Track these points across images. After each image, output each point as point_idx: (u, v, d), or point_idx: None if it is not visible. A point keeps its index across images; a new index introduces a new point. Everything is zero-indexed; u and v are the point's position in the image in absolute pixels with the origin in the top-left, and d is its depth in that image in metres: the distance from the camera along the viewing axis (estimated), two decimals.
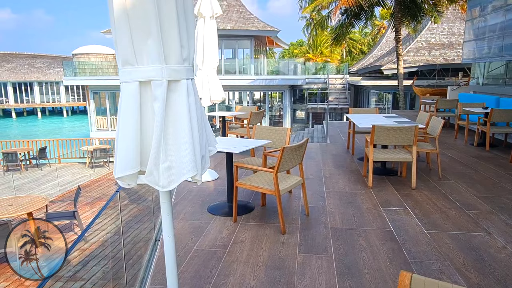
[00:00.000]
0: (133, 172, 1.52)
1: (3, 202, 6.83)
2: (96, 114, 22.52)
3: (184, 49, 1.52)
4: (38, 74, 43.99)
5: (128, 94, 1.49)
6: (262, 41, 25.55)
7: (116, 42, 1.50)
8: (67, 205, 9.02)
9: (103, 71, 21.64)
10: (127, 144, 1.49)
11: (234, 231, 3.90)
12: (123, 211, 8.79)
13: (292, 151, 3.80)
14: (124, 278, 4.23)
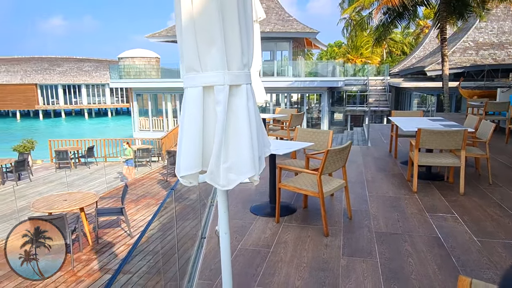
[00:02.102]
0: (196, 171, 1.62)
1: (58, 197, 7.31)
2: (139, 115, 23.42)
3: (245, 56, 1.61)
4: (86, 77, 46.42)
5: (192, 98, 1.59)
6: (301, 42, 25.48)
7: (182, 50, 1.61)
8: (114, 202, 9.48)
9: (146, 74, 22.48)
10: (191, 145, 1.60)
11: (277, 231, 3.96)
12: (167, 209, 9.12)
13: (336, 153, 3.81)
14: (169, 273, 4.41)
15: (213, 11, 1.49)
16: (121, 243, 7.15)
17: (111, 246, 7.03)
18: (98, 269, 6.17)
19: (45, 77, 45.80)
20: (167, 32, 22.29)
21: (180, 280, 3.38)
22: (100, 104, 47.51)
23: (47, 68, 47.20)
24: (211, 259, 3.49)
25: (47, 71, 46.63)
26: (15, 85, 45.06)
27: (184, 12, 1.52)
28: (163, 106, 23.08)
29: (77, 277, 5.92)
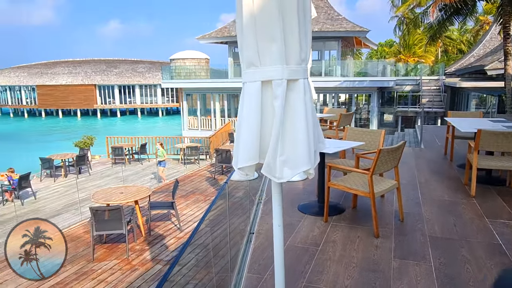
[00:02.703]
0: (253, 163, 1.68)
1: (116, 190, 7.78)
2: (188, 114, 24.18)
3: (303, 51, 1.64)
4: (139, 78, 48.76)
5: (250, 93, 1.65)
6: (350, 42, 24.94)
7: (242, 46, 1.67)
8: (165, 196, 9.89)
9: (195, 74, 23.18)
10: (249, 138, 1.65)
11: (325, 230, 3.94)
12: (215, 204, 9.37)
13: (388, 153, 3.71)
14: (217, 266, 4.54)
15: (274, 7, 1.53)
16: (171, 236, 7.45)
17: (162, 238, 7.35)
18: (150, 259, 6.48)
19: (103, 78, 48.74)
20: (216, 34, 22.82)
21: (230, 273, 3.48)
22: (152, 103, 49.70)
23: (105, 69, 50.20)
24: (260, 254, 3.55)
25: (105, 73, 49.59)
26: (76, 86, 48.42)
27: (245, 9, 1.58)
28: (211, 105, 23.66)
29: (132, 266, 6.26)
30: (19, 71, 51.89)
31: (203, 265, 5.94)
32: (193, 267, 6.05)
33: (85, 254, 6.72)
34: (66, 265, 6.32)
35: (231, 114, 23.72)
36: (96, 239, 6.90)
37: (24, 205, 10.45)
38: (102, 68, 50.45)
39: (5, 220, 9.34)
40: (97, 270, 6.12)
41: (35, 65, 53.32)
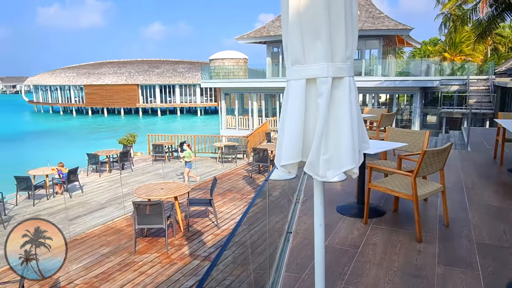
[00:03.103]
0: (296, 161, 1.68)
1: (157, 186, 8.05)
2: (226, 113, 24.51)
3: (348, 48, 1.62)
4: (180, 77, 50.04)
5: (295, 91, 1.65)
6: (392, 40, 24.19)
7: (287, 44, 1.68)
8: (203, 194, 10.09)
9: (234, 74, 23.45)
10: (292, 136, 1.66)
11: (365, 232, 3.86)
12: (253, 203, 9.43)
13: (434, 155, 3.57)
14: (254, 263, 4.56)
15: (320, 3, 1.53)
16: (208, 233, 7.59)
17: (200, 235, 7.51)
18: (188, 254, 6.65)
19: (145, 78, 50.50)
20: (255, 34, 22.94)
21: (266, 270, 3.49)
22: (191, 103, 50.86)
23: (147, 69, 51.98)
24: (297, 254, 3.54)
25: (147, 73, 51.36)
26: (120, 85, 50.51)
27: (292, 6, 1.58)
28: (249, 105, 23.82)
29: (171, 260, 6.45)
30: (69, 72, 54.94)
31: (240, 262, 6.00)
32: (230, 264, 6.13)
33: (127, 246, 7.00)
34: (110, 256, 6.63)
35: (268, 113, 23.77)
36: (137, 233, 7.17)
37: (72, 198, 11.06)
38: (145, 69, 52.28)
39: (55, 211, 9.94)
40: (138, 262, 6.36)
41: (83, 66, 56.24)
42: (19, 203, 10.79)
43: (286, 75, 1.74)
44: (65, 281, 5.83)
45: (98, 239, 7.42)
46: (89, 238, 7.49)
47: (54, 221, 9.13)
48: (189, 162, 12.02)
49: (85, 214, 9.55)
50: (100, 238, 7.49)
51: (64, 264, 6.38)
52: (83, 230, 8.15)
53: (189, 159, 12.00)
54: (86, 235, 7.71)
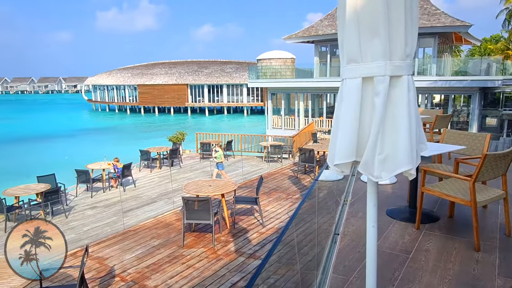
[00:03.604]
0: (349, 160, 1.66)
1: (205, 182, 8.28)
2: (273, 113, 24.57)
3: (408, 46, 1.57)
4: (227, 77, 50.94)
5: (350, 89, 1.64)
6: (448, 38, 22.91)
7: (343, 42, 1.66)
8: (249, 192, 10.21)
9: (281, 74, 23.45)
10: (346, 135, 1.64)
11: (417, 238, 3.71)
12: (297, 204, 9.39)
13: (496, 159, 3.35)
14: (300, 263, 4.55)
15: (379, 1, 1.50)
16: (254, 231, 7.67)
17: (245, 232, 7.62)
18: (234, 251, 6.77)
19: (195, 78, 51.99)
20: (303, 33, 22.78)
21: (313, 271, 3.48)
22: (237, 102, 51.60)
23: (196, 70, 53.48)
24: (345, 256, 3.49)
25: (196, 73, 52.85)
26: (171, 85, 52.42)
27: (349, 4, 1.57)
28: (295, 105, 23.71)
29: (217, 255, 6.60)
30: (124, 72, 57.96)
31: (285, 261, 6.01)
32: (275, 263, 6.16)
33: (176, 240, 7.27)
34: (160, 248, 6.92)
35: (315, 114, 23.51)
36: (186, 227, 7.42)
37: (126, 192, 11.66)
38: (194, 69, 53.84)
39: (110, 203, 10.55)
40: (186, 256, 6.59)
41: (137, 67, 59.07)
42: (78, 194, 11.58)
43: (340, 74, 1.73)
44: (119, 269, 6.18)
45: (149, 232, 7.77)
46: (141, 230, 7.87)
47: (109, 213, 9.71)
48: (221, 163, 12.02)
49: (137, 208, 10.04)
50: (151, 230, 7.84)
51: (118, 253, 6.78)
52: (136, 223, 8.58)
53: (221, 160, 11.99)
54: (138, 227, 8.11)
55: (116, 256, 6.68)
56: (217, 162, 11.97)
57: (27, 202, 9.72)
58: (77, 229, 8.67)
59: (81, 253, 6.89)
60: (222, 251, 6.75)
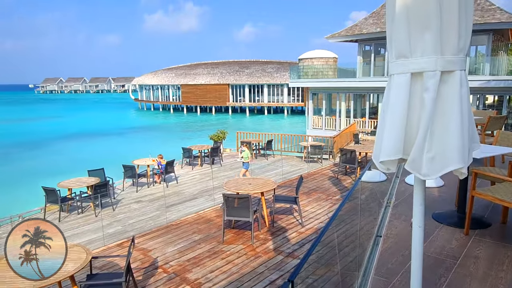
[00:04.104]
0: (396, 157, 1.63)
1: (245, 180, 8.38)
2: (313, 113, 24.33)
3: (461, 40, 1.52)
4: (268, 77, 51.09)
5: (398, 85, 1.60)
6: (504, 35, 21.49)
7: (391, 36, 1.63)
8: (288, 191, 10.20)
9: (323, 74, 23.15)
10: (393, 132, 1.61)
11: (465, 244, 3.54)
12: (337, 205, 9.25)
13: None
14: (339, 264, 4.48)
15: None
16: (293, 230, 7.65)
17: (284, 231, 7.62)
18: (272, 249, 6.79)
19: (236, 78, 52.64)
20: (346, 32, 22.35)
21: (353, 272, 3.42)
22: (278, 102, 51.61)
23: (238, 70, 54.11)
24: (388, 258, 3.40)
25: (237, 73, 53.48)
26: (213, 85, 53.45)
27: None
28: (336, 105, 23.32)
29: (256, 252, 6.66)
30: (168, 72, 59.89)
31: (324, 262, 5.95)
32: (313, 263, 6.11)
33: (216, 236, 7.42)
34: (201, 243, 7.10)
35: (356, 114, 22.99)
36: (226, 224, 7.55)
37: (168, 187, 12.06)
38: (235, 69, 54.51)
39: (154, 198, 10.96)
40: (226, 252, 6.70)
41: (180, 67, 60.81)
42: (125, 188, 12.13)
43: (388, 70, 1.70)
44: (162, 261, 6.41)
45: (191, 227, 7.99)
46: (183, 225, 8.11)
47: (153, 207, 10.10)
48: (247, 163, 11.97)
49: (179, 203, 10.35)
50: (192, 225, 8.06)
51: (161, 246, 7.04)
52: (178, 217, 8.85)
53: (247, 160, 11.93)
54: (180, 221, 8.36)
55: (159, 248, 6.93)
56: (244, 161, 11.99)
57: (79, 194, 10.33)
58: (123, 221, 9.09)
59: (126, 244, 7.22)
60: (260, 249, 6.79)
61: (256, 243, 7.04)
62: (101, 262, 6.35)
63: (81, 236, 8.23)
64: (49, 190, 9.58)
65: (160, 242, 7.21)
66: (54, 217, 9.61)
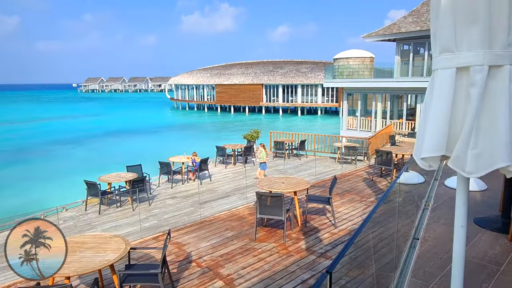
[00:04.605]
0: (438, 154, 1.60)
1: (278, 179, 8.40)
2: (348, 114, 23.92)
3: (511, 33, 1.46)
4: (302, 78, 50.78)
5: (442, 80, 1.57)
6: None
7: (436, 30, 1.60)
8: (321, 192, 10.11)
9: (358, 73, 22.70)
10: (436, 128, 1.58)
11: (510, 250, 3.37)
12: (372, 207, 9.07)
13: None
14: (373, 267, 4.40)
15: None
16: (325, 231, 7.58)
17: (317, 231, 7.56)
18: (305, 249, 6.76)
19: (270, 78, 52.72)
20: (384, 31, 21.80)
21: (389, 273, 3.36)
22: (312, 103, 51.17)
23: (272, 70, 54.17)
24: (425, 261, 3.31)
25: (271, 73, 53.54)
26: (246, 85, 53.84)
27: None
28: (372, 106, 22.80)
29: (287, 251, 6.66)
30: (203, 73, 60.96)
31: (356, 264, 5.86)
32: (346, 264, 6.03)
33: (248, 233, 7.49)
34: (234, 240, 7.19)
35: (393, 116, 22.35)
36: (258, 221, 7.60)
37: (202, 185, 12.30)
38: (269, 69, 54.59)
39: (188, 195, 11.21)
40: (258, 249, 6.75)
41: (215, 67, 61.71)
42: (160, 184, 12.50)
43: (432, 65, 1.66)
44: (195, 255, 6.55)
45: (224, 223, 8.11)
46: (216, 221, 8.25)
47: (187, 203, 10.33)
48: (263, 163, 11.83)
49: (212, 200, 10.53)
50: (225, 222, 8.18)
51: (195, 241, 7.20)
52: (211, 214, 9.01)
53: (263, 160, 11.79)
54: (214, 218, 8.51)
55: (193, 243, 7.10)
56: (260, 162, 11.88)
57: (118, 188, 10.75)
58: (159, 216, 9.37)
59: (162, 237, 7.45)
60: (293, 248, 6.79)
61: (288, 242, 7.04)
62: (138, 254, 6.59)
63: (119, 229, 8.57)
64: (90, 184, 10.05)
65: (194, 237, 7.38)
66: (94, 209, 10.07)
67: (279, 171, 13.90)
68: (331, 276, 1.67)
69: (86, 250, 4.89)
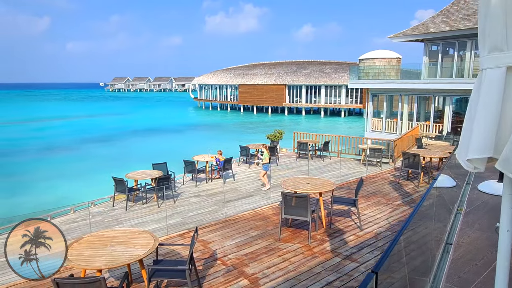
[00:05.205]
0: (485, 156, 1.55)
1: (303, 180, 8.36)
2: (373, 116, 23.54)
3: None
4: (326, 78, 50.33)
5: (491, 80, 1.53)
6: None
7: (485, 29, 1.56)
8: (346, 194, 9.99)
9: (385, 74, 22.30)
10: (484, 128, 1.54)
11: None
12: (403, 209, 8.88)
13: None
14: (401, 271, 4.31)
15: None
16: (350, 233, 7.49)
17: (342, 233, 7.48)
18: (330, 250, 6.71)
19: (293, 79, 52.52)
20: (411, 31, 21.33)
21: (422, 278, 3.28)
22: (335, 104, 50.64)
23: (295, 70, 53.95)
24: (460, 267, 3.22)
25: (294, 74, 53.33)
26: (269, 86, 53.83)
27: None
28: (398, 108, 22.36)
29: (312, 252, 6.62)
30: (226, 73, 61.38)
31: (384, 268, 5.76)
32: (371, 267, 5.93)
33: (273, 233, 7.49)
34: (258, 239, 7.21)
35: (420, 118, 21.83)
36: (283, 222, 7.59)
37: (226, 184, 12.38)
38: (293, 69, 54.39)
39: (212, 193, 11.32)
40: (282, 249, 6.74)
41: (239, 67, 62.01)
42: (185, 183, 12.67)
43: (480, 64, 1.62)
44: (220, 253, 6.61)
45: (248, 223, 8.15)
46: (240, 220, 8.29)
47: (211, 202, 10.43)
48: (266, 165, 11.60)
49: (236, 199, 10.58)
50: (249, 222, 8.21)
51: (220, 239, 7.26)
52: (235, 213, 9.07)
53: (265, 161, 11.57)
54: (238, 217, 8.56)
55: (218, 241, 7.16)
56: (263, 163, 11.69)
57: (144, 186, 10.98)
58: (183, 213, 9.50)
59: (187, 234, 7.55)
60: (317, 249, 6.74)
61: (313, 243, 7.00)
62: (164, 250, 6.71)
63: (145, 225, 8.74)
64: (118, 180, 10.29)
65: (218, 235, 7.44)
66: (121, 205, 10.32)
67: (302, 172, 13.83)
68: (377, 276, 1.65)
69: (116, 245, 5.02)
